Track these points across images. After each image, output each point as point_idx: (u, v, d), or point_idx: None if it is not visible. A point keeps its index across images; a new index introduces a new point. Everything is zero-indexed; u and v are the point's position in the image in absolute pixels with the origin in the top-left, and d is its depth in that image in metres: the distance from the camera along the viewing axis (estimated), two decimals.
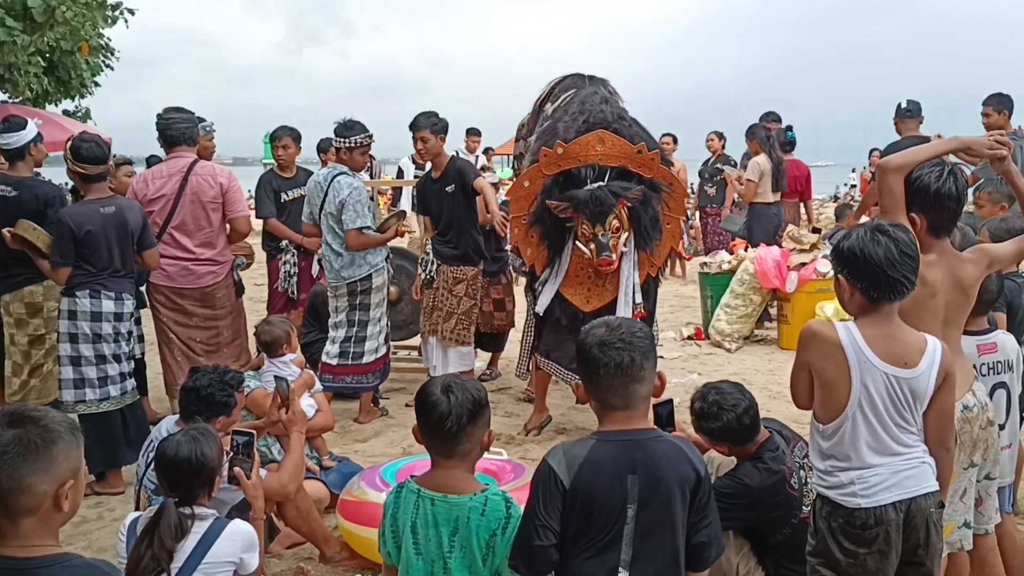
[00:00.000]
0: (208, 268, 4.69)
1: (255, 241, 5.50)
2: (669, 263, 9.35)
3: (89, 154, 4.17)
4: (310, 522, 3.35)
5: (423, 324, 5.56)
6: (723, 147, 9.80)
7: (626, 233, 4.40)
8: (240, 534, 2.37)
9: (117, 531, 3.70)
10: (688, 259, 7.88)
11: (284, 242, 5.78)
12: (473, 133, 10.69)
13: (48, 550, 1.60)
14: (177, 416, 3.00)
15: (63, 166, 4.29)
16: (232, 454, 2.74)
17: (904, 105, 6.41)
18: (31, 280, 4.30)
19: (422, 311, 5.59)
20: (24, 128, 4.38)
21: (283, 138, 5.94)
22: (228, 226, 4.77)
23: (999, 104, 5.99)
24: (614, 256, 4.32)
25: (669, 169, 4.65)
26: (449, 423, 2.08)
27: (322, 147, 8.24)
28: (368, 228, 4.98)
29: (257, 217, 5.63)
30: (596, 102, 4.70)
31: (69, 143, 4.25)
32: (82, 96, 12.04)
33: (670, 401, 2.76)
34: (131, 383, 4.34)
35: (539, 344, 4.87)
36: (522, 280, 5.66)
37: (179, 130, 4.64)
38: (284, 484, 3.02)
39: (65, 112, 12.16)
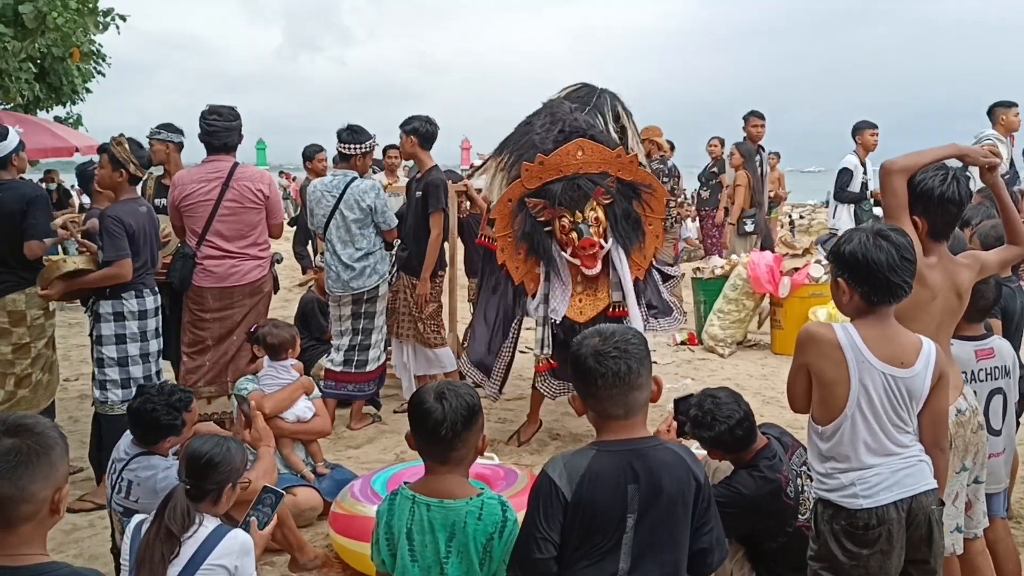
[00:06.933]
0: (255, 263, 4.69)
1: None
2: None
3: (145, 157, 4.22)
4: (284, 529, 3.31)
5: (388, 326, 5.46)
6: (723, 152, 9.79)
7: (603, 227, 4.31)
8: (239, 542, 2.37)
9: (108, 539, 3.68)
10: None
11: None
12: (392, 148, 8.09)
13: (36, 559, 1.60)
14: (132, 436, 2.95)
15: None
16: (257, 505, 2.71)
17: None
18: (12, 288, 4.11)
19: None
20: (5, 138, 4.20)
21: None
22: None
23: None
24: (595, 236, 4.24)
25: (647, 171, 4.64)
26: (444, 430, 2.06)
27: (307, 154, 8.10)
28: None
29: None
30: (566, 111, 4.64)
31: (124, 144, 4.11)
32: (73, 102, 12.02)
33: (691, 396, 2.80)
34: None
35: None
36: None
37: (221, 139, 4.63)
38: (254, 482, 2.98)
39: (56, 118, 12.12)
